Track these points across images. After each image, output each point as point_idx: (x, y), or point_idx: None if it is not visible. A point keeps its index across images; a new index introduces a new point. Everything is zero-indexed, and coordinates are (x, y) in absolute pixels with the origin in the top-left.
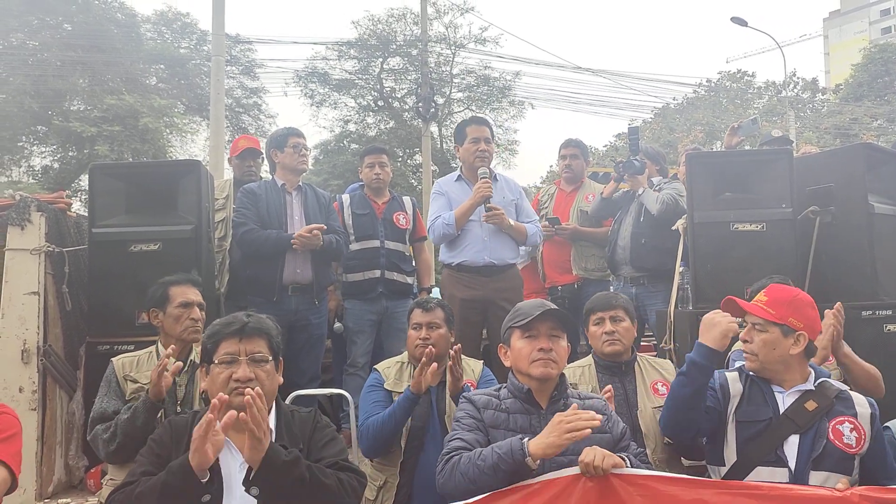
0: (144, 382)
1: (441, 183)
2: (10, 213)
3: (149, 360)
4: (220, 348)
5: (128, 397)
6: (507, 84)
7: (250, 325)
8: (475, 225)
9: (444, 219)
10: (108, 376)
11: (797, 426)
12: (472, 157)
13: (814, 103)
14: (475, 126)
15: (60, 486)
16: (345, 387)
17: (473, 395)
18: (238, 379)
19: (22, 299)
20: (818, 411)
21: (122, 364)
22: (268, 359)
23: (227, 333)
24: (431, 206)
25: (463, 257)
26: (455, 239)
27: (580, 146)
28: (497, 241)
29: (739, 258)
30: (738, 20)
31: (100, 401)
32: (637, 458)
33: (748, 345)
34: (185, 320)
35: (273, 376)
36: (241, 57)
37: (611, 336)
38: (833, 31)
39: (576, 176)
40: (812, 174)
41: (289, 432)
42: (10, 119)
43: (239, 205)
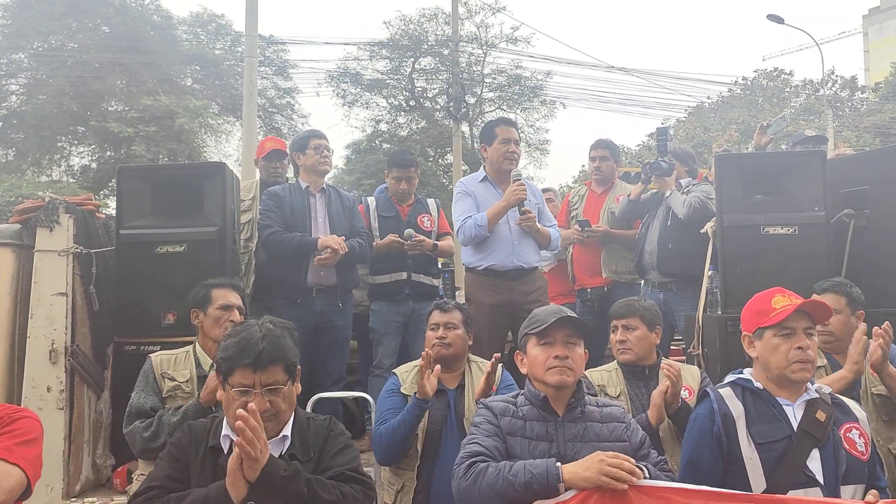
0: (181, 381)
1: (466, 183)
2: (39, 214)
3: (185, 359)
4: (234, 375)
5: (164, 395)
6: (538, 83)
7: (265, 354)
8: (504, 228)
9: (476, 220)
10: (145, 371)
11: (816, 440)
12: (501, 159)
13: (853, 102)
14: (505, 127)
15: (88, 485)
16: (370, 389)
17: (491, 401)
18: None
19: (50, 300)
20: (829, 420)
21: (159, 361)
22: (283, 386)
23: (242, 365)
24: (457, 207)
25: (491, 261)
26: (483, 241)
27: (610, 147)
28: (524, 245)
29: (770, 262)
30: (774, 17)
31: (137, 395)
32: (657, 466)
33: (808, 352)
34: (225, 322)
35: (290, 395)
36: (274, 58)
37: (622, 345)
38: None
39: (606, 177)
40: (846, 176)
41: (301, 440)
42: (50, 119)
43: (264, 207)
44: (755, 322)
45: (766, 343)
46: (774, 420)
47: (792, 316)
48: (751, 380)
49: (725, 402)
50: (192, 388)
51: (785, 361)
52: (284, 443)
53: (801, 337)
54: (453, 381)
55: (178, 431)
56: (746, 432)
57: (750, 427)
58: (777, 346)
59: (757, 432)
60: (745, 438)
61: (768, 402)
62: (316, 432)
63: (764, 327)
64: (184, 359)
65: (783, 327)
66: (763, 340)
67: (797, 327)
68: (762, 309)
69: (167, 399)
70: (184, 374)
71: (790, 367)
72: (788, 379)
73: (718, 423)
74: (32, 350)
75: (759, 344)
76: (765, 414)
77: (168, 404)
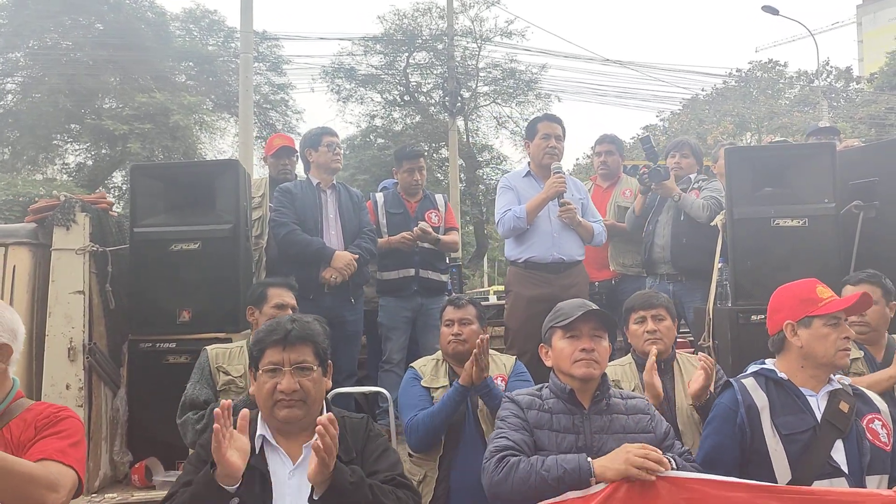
0: (235, 375)
1: (509, 178)
2: (56, 213)
3: (240, 353)
4: (265, 356)
5: (219, 388)
6: (533, 77)
7: (294, 332)
8: (544, 221)
9: (515, 212)
10: (201, 363)
11: (840, 430)
12: (541, 154)
13: (847, 93)
14: (547, 122)
15: (106, 481)
16: (380, 383)
17: (517, 395)
18: (283, 391)
19: (68, 298)
20: (852, 412)
21: (215, 354)
22: (313, 367)
23: (272, 342)
24: (499, 200)
25: (531, 253)
26: (523, 234)
27: (615, 142)
28: (565, 238)
29: (780, 254)
30: (769, 9)
31: (192, 387)
32: (682, 456)
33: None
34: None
35: (319, 383)
36: (268, 53)
37: (652, 335)
38: (867, 18)
39: (611, 172)
40: (855, 168)
41: (341, 439)
42: (45, 117)
43: (277, 204)
44: (802, 310)
45: (816, 331)
46: (799, 411)
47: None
48: (774, 370)
49: (749, 392)
50: (245, 384)
51: (833, 349)
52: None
53: (845, 328)
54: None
55: (208, 431)
56: (771, 423)
57: (774, 418)
58: (827, 335)
59: (782, 423)
60: (769, 429)
61: (792, 392)
62: (354, 432)
63: (813, 316)
64: (238, 354)
65: (833, 317)
66: (811, 329)
67: (841, 318)
68: (809, 297)
69: (221, 393)
70: (238, 368)
71: (837, 355)
72: (835, 365)
73: (742, 414)
74: (51, 348)
75: (805, 332)
76: (789, 405)
77: (221, 398)
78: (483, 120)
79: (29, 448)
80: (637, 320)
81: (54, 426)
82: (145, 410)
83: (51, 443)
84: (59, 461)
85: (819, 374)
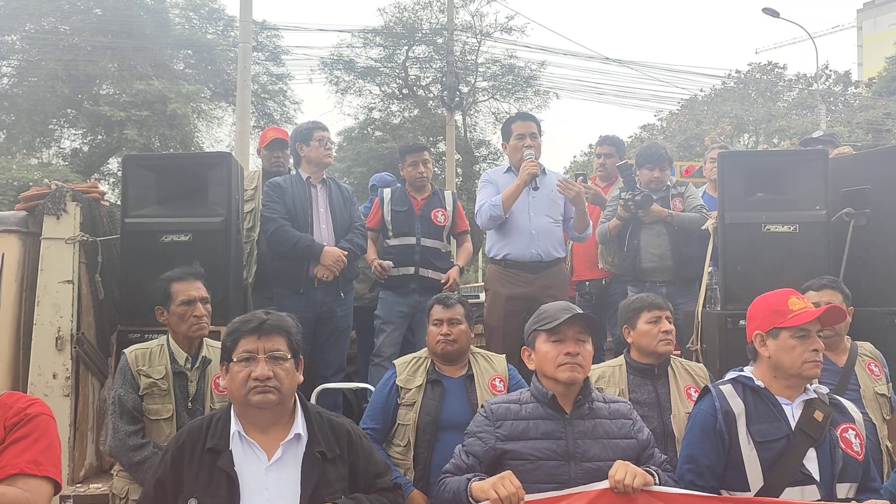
0: (157, 377)
1: (490, 173)
2: (46, 202)
3: (160, 353)
4: (238, 346)
5: (141, 392)
6: (532, 74)
7: (269, 322)
8: (522, 218)
9: (492, 201)
10: (122, 368)
11: (813, 439)
12: (517, 154)
13: (846, 97)
14: (520, 122)
15: (91, 471)
16: (370, 377)
17: (493, 403)
18: (257, 377)
19: (56, 287)
20: (826, 421)
21: (135, 357)
22: (286, 357)
23: (246, 331)
24: (479, 195)
25: (509, 250)
26: (503, 232)
27: (616, 143)
28: (544, 236)
29: (770, 260)
30: (769, 11)
31: (118, 387)
32: (661, 466)
33: (820, 354)
34: (189, 318)
35: (292, 374)
36: (267, 43)
37: (667, 335)
38: (867, 23)
39: (610, 174)
40: (847, 175)
41: (323, 437)
42: (42, 102)
43: (267, 199)
44: (771, 321)
45: (783, 343)
46: (774, 419)
47: None
48: (752, 378)
49: (727, 399)
50: (168, 385)
51: (800, 361)
52: (301, 441)
53: (815, 340)
54: (456, 373)
55: (175, 436)
56: (746, 430)
57: (750, 425)
58: (793, 347)
59: (757, 431)
60: (744, 436)
61: (768, 400)
62: (335, 430)
63: (781, 328)
64: (158, 353)
65: (801, 329)
66: (779, 340)
67: (812, 330)
68: (779, 309)
69: (144, 396)
70: (159, 370)
71: (803, 367)
72: (802, 377)
73: (720, 420)
74: (39, 337)
75: (773, 343)
76: (765, 412)
77: (146, 402)
78: (481, 115)
79: (1, 451)
80: (650, 320)
81: (24, 426)
82: None
83: (22, 453)
84: (33, 474)
85: (792, 383)
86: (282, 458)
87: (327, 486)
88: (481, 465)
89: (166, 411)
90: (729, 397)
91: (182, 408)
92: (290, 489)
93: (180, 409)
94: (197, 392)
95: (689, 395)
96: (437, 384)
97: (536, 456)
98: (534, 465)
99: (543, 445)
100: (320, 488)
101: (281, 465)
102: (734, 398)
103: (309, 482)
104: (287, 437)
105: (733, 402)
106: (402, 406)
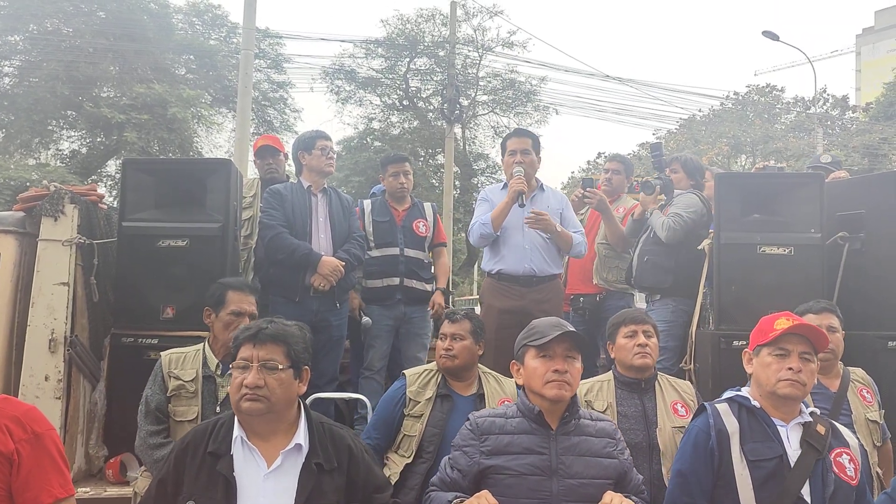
0: (186, 380)
1: (487, 190)
2: (45, 203)
3: (194, 357)
4: (238, 353)
5: (169, 393)
6: (532, 89)
7: (266, 331)
8: (516, 233)
9: (482, 219)
10: (156, 369)
11: (818, 451)
12: (510, 171)
13: (843, 121)
14: (515, 139)
15: (80, 475)
16: (361, 390)
17: (479, 417)
18: (247, 385)
19: (52, 289)
20: (828, 433)
21: (168, 360)
22: (279, 367)
23: (244, 339)
24: (476, 213)
25: (503, 265)
26: (497, 247)
27: (625, 162)
28: (537, 251)
29: (764, 281)
30: (769, 34)
31: (148, 387)
32: (638, 489)
33: (799, 374)
34: (234, 329)
35: (288, 384)
36: (269, 51)
37: (643, 349)
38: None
39: (614, 190)
40: (843, 200)
41: (322, 448)
42: (42, 103)
43: (266, 206)
44: (755, 340)
45: (761, 360)
46: (767, 439)
47: (789, 338)
48: (748, 398)
49: (721, 417)
50: (196, 388)
51: (774, 379)
52: (301, 451)
53: (794, 359)
54: (467, 390)
55: (180, 438)
56: (739, 449)
57: (743, 444)
58: (769, 364)
59: (749, 450)
60: (737, 455)
61: (763, 420)
62: (336, 442)
63: (761, 345)
64: (192, 357)
65: (778, 347)
66: (759, 358)
67: (793, 350)
68: (763, 328)
69: (172, 398)
70: (190, 373)
71: (778, 384)
72: (777, 395)
73: (713, 438)
74: (32, 339)
75: (756, 361)
76: (758, 432)
77: (172, 403)
78: (480, 129)
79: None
80: (627, 334)
81: (39, 444)
82: (123, 405)
83: (49, 477)
84: (68, 496)
85: (777, 404)
86: (281, 466)
87: (322, 498)
88: (465, 479)
89: (191, 413)
90: (724, 416)
91: (210, 411)
92: (285, 498)
93: (207, 412)
94: (227, 398)
95: (676, 410)
96: (447, 399)
97: (519, 471)
98: (516, 479)
99: (527, 461)
100: (314, 499)
101: (279, 473)
102: (729, 417)
103: (303, 493)
104: (288, 446)
105: (728, 420)
106: (409, 417)
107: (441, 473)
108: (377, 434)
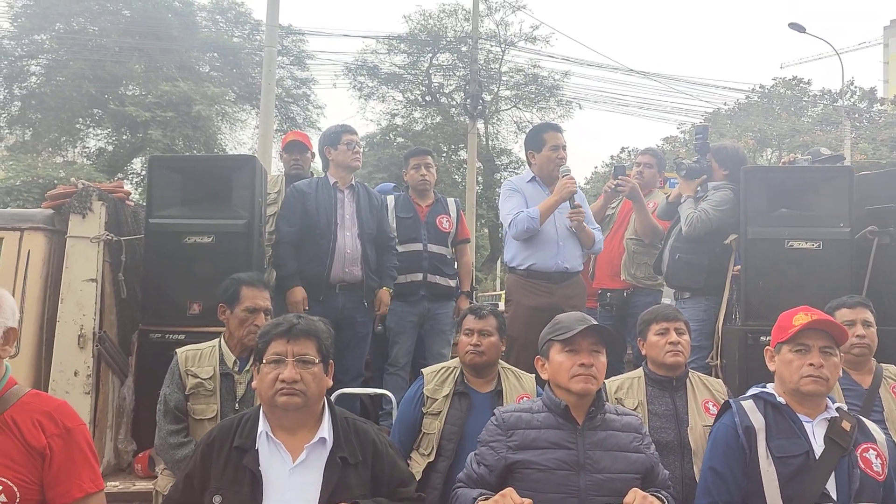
0: (203, 378)
1: (514, 181)
2: (73, 200)
3: (210, 354)
4: (269, 348)
5: (187, 391)
6: (555, 83)
7: (299, 326)
8: (549, 228)
9: (529, 213)
10: (171, 367)
11: (843, 448)
12: (551, 165)
13: (871, 113)
14: (553, 133)
15: (109, 469)
16: (386, 385)
17: (505, 412)
18: (284, 380)
19: (80, 286)
20: (853, 430)
21: (185, 358)
22: (315, 361)
23: (276, 334)
24: (506, 204)
25: (534, 260)
26: (528, 241)
27: (657, 156)
28: (569, 246)
29: (792, 276)
30: (795, 26)
31: (165, 386)
32: (664, 483)
33: (821, 369)
34: (249, 325)
35: (320, 379)
36: (292, 48)
37: (675, 347)
38: (894, 40)
39: (646, 184)
40: (872, 193)
41: (347, 442)
42: (69, 101)
43: (285, 206)
44: (776, 337)
45: (782, 358)
46: (793, 435)
47: (808, 333)
48: (773, 394)
49: (747, 414)
50: (214, 386)
51: (797, 376)
52: (325, 445)
53: (815, 354)
54: (485, 387)
55: (206, 433)
56: (766, 445)
57: (769, 441)
58: (790, 361)
59: (776, 446)
60: (763, 451)
61: (789, 417)
62: (360, 436)
63: (781, 342)
64: (209, 354)
65: (798, 343)
66: (780, 355)
67: (813, 345)
68: (783, 325)
69: (190, 396)
70: (207, 370)
71: (801, 381)
72: (800, 392)
73: (741, 435)
74: (61, 335)
75: (777, 358)
76: (784, 428)
77: (191, 401)
78: (503, 124)
79: (54, 473)
80: (659, 331)
81: (70, 439)
82: (151, 401)
83: (80, 472)
84: (98, 490)
85: (803, 400)
86: (306, 460)
87: (347, 492)
88: (492, 474)
89: (210, 411)
90: (749, 413)
91: (229, 409)
92: (311, 492)
93: (226, 410)
94: (245, 394)
95: (707, 409)
96: (464, 397)
97: (547, 466)
98: (544, 474)
99: (554, 455)
100: (339, 493)
101: (304, 467)
102: (755, 413)
103: (328, 486)
104: (312, 440)
105: (754, 417)
106: (428, 415)
107: (468, 470)
108: (400, 437)
